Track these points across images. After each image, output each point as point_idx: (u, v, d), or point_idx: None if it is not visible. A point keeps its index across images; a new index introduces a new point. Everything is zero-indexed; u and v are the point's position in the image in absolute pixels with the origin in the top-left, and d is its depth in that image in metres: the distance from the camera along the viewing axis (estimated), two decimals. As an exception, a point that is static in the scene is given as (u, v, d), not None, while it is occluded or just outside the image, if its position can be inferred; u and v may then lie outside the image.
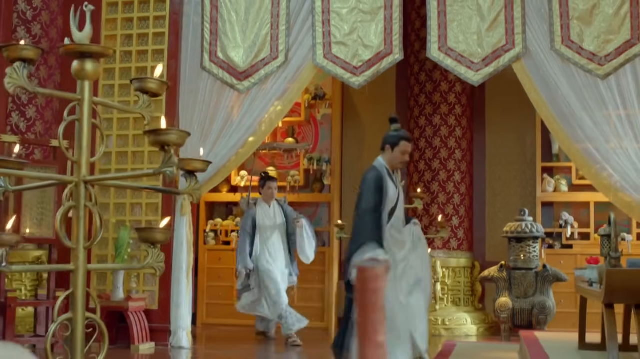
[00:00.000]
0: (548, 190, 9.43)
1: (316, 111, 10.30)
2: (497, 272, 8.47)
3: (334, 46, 7.95)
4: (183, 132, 2.76)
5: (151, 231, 3.26)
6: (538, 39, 7.62)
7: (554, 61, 7.57)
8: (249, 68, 8.05)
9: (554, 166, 9.60)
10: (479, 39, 7.73)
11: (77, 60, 3.05)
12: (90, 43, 3.12)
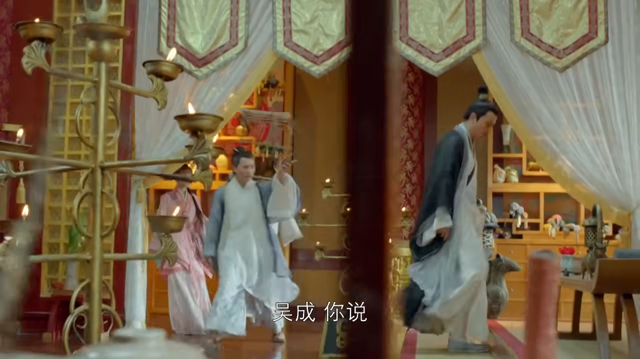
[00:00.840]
0: (499, 181, 9.56)
1: (268, 98, 10.22)
2: (451, 261, 8.52)
3: (295, 34, 7.88)
4: (216, 117, 2.68)
5: (164, 220, 3.18)
6: (498, 30, 7.69)
7: (513, 53, 7.65)
8: (207, 54, 7.92)
9: (505, 156, 9.73)
10: (440, 29, 7.76)
11: (93, 42, 2.93)
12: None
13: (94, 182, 2.89)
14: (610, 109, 7.45)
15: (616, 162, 7.42)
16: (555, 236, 9.20)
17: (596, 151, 7.45)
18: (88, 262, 2.90)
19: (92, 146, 2.90)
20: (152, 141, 7.82)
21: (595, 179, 7.45)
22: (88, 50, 2.95)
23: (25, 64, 2.76)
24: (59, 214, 7.94)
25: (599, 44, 7.54)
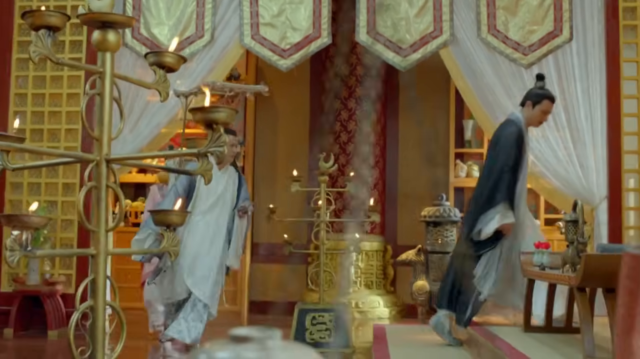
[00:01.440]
0: (460, 175, 9.63)
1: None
2: (415, 255, 8.57)
3: (262, 27, 7.84)
4: (232, 110, 2.64)
5: (166, 214, 3.13)
6: (465, 27, 7.75)
7: (480, 49, 7.71)
8: (173, 46, 7.81)
9: (466, 151, 9.81)
10: (407, 24, 7.79)
11: (99, 31, 2.87)
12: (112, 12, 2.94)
13: (99, 175, 2.82)
14: (575, 105, 7.57)
15: (580, 158, 7.55)
16: (516, 230, 9.29)
17: (560, 147, 7.56)
18: (92, 257, 2.83)
19: (97, 138, 2.83)
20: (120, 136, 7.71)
21: (559, 174, 7.56)
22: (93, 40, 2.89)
23: (33, 52, 2.68)
24: (21, 207, 7.78)
25: (564, 42, 7.64)
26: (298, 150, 10.15)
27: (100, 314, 2.87)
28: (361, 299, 9.13)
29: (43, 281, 7.44)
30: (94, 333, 2.87)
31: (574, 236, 4.64)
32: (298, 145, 10.18)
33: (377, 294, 9.32)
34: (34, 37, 2.72)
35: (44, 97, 7.87)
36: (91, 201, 7.82)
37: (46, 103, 7.87)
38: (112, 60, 2.92)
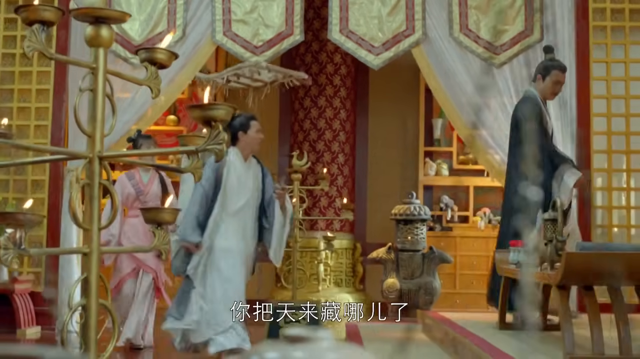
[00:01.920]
0: (430, 174, 9.68)
1: (199, 88, 10.07)
2: (385, 253, 8.60)
3: (234, 24, 7.79)
4: (230, 107, 2.62)
5: (158, 212, 3.10)
6: (437, 25, 7.77)
7: (452, 48, 7.75)
8: (144, 41, 7.75)
9: (435, 150, 9.86)
10: (380, 23, 7.80)
11: (92, 26, 2.83)
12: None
13: (92, 172, 2.78)
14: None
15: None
16: (484, 228, 9.38)
17: (531, 146, 7.61)
18: (85, 255, 2.80)
19: (90, 135, 2.80)
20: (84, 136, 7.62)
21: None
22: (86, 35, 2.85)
23: (27, 47, 2.64)
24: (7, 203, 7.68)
25: (535, 41, 7.71)
26: (267, 148, 10.11)
27: (93, 312, 2.84)
28: (330, 296, 9.13)
29: (11, 279, 7.33)
30: (87, 332, 2.83)
31: (553, 234, 4.68)
32: (267, 143, 10.12)
33: (347, 291, 9.33)
34: (29, 32, 2.67)
35: (12, 93, 7.75)
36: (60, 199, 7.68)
37: (15, 99, 7.75)
38: (105, 56, 2.88)
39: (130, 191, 6.85)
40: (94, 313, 2.84)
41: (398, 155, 10.19)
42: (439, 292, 8.50)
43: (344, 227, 9.55)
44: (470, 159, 9.62)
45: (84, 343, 2.83)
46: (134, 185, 6.84)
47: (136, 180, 6.85)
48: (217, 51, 9.19)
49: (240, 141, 5.90)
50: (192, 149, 2.72)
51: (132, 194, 6.84)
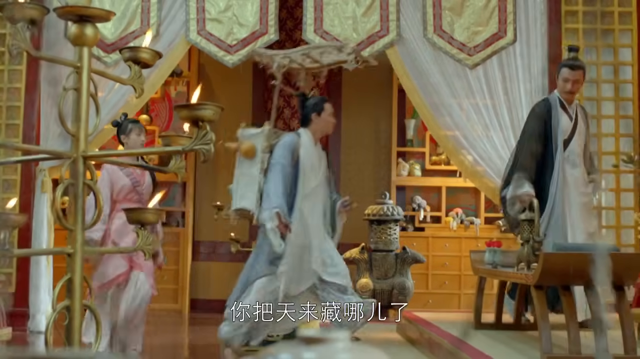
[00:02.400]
0: (402, 174, 9.70)
1: (172, 88, 10.04)
2: (359, 254, 8.61)
3: (208, 23, 7.77)
4: (217, 107, 2.60)
5: (142, 212, 3.08)
6: (411, 26, 7.80)
7: (425, 49, 7.78)
8: (117, 40, 7.71)
9: (408, 150, 9.88)
10: (354, 23, 7.81)
11: (76, 25, 2.81)
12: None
13: (76, 172, 2.76)
14: (518, 106, 7.69)
15: (522, 158, 7.66)
16: (456, 229, 9.43)
17: (504, 147, 7.66)
18: (69, 256, 2.77)
19: (74, 134, 2.77)
20: (56, 132, 7.56)
21: (502, 174, 7.65)
22: (69, 34, 2.82)
23: (12, 46, 2.61)
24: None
25: (508, 43, 7.76)
26: (240, 147, 10.09)
27: (77, 313, 2.81)
28: (303, 297, 9.13)
29: (-19, 280, 7.26)
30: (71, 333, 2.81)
31: (530, 235, 4.71)
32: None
33: (319, 292, 9.33)
34: (14, 30, 2.64)
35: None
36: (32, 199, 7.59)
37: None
38: (89, 55, 2.86)
39: (125, 182, 5.92)
40: (78, 314, 2.81)
41: (371, 155, 10.20)
42: (412, 292, 8.53)
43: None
44: (442, 159, 9.66)
45: (68, 344, 2.81)
46: (127, 175, 5.96)
47: (129, 170, 6.00)
48: (190, 50, 9.15)
49: (312, 122, 5.77)
50: (178, 149, 2.71)
51: (127, 185, 5.91)
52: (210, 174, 10.03)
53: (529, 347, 4.78)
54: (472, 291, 6.90)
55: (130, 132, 5.90)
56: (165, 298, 9.38)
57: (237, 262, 9.65)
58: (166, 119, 10.04)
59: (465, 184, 9.13)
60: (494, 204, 9.13)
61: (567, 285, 4.42)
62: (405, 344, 6.18)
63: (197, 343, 7.56)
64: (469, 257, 6.24)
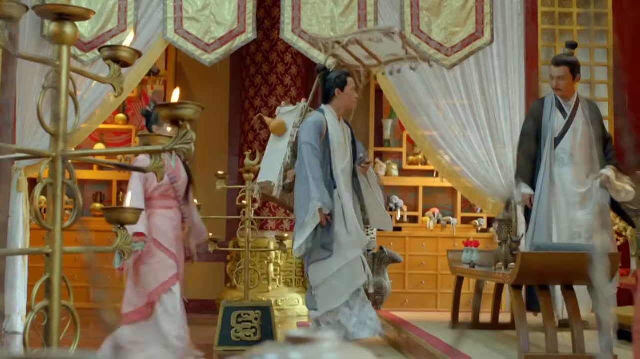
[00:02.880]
0: (380, 174, 9.71)
1: (149, 87, 9.99)
2: (336, 253, 8.59)
3: (186, 21, 7.73)
4: (198, 107, 2.59)
5: (121, 212, 3.06)
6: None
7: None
8: (94, 39, 7.65)
9: (385, 150, 9.90)
10: (332, 23, 7.80)
11: (55, 23, 2.79)
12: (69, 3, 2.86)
13: (55, 172, 2.73)
14: (495, 106, 7.72)
15: (499, 158, 7.70)
16: (433, 228, 9.45)
17: (481, 147, 7.70)
18: (48, 256, 2.75)
19: (53, 134, 2.75)
20: (32, 131, 7.50)
21: (479, 174, 7.70)
22: (49, 32, 2.80)
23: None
24: None
25: (485, 44, 7.80)
26: (217, 147, 10.08)
27: (55, 315, 2.79)
28: (280, 296, 9.12)
29: (-44, 280, 7.19)
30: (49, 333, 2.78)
31: (507, 235, 4.73)
32: (217, 142, 10.11)
33: (297, 292, 9.33)
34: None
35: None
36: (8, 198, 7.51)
37: None
38: (68, 53, 2.83)
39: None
40: (57, 315, 2.79)
41: (348, 155, 10.19)
42: (389, 291, 8.53)
43: (294, 227, 9.51)
44: (419, 159, 9.69)
45: (47, 345, 2.79)
46: None
47: (164, 163, 5.51)
48: (168, 50, 9.11)
49: (335, 98, 5.65)
50: (159, 148, 2.70)
51: (163, 181, 5.24)
52: (188, 173, 9.98)
53: (507, 346, 4.80)
54: (449, 291, 6.93)
55: (164, 122, 5.25)
56: (142, 298, 9.34)
57: (215, 262, 9.65)
58: (143, 118, 9.97)
59: (442, 184, 9.16)
60: (470, 204, 9.19)
61: (545, 285, 4.44)
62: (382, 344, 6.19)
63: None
64: (445, 257, 6.27)
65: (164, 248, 5.12)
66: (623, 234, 6.79)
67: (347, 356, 1.10)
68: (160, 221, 5.21)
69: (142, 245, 4.96)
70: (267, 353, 1.10)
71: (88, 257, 5.43)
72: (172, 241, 5.19)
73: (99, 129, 9.69)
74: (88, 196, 9.77)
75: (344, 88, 5.67)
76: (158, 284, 5.06)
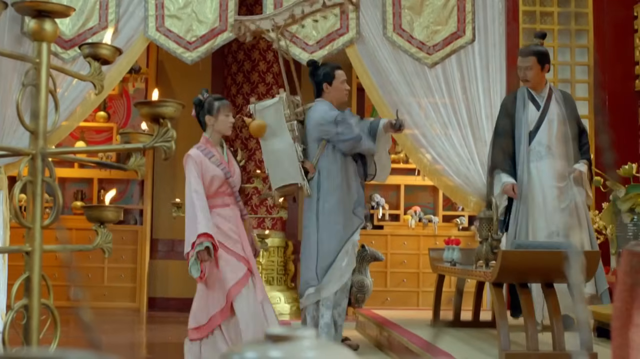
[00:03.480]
0: (361, 172, 9.72)
1: (130, 84, 9.95)
2: (317, 252, 8.59)
3: (167, 19, 7.71)
4: (178, 104, 2.59)
5: (101, 210, 3.05)
6: (371, 25, 7.82)
7: (385, 48, 7.80)
8: (75, 37, 7.62)
9: (367, 149, 9.89)
10: (314, 21, 7.79)
11: (35, 20, 2.78)
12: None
13: (35, 169, 2.72)
14: (476, 105, 7.74)
15: (480, 156, 7.70)
16: (415, 226, 9.47)
17: (462, 145, 7.71)
18: (27, 254, 2.73)
19: (33, 131, 2.74)
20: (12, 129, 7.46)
21: (461, 172, 7.71)
22: (29, 29, 2.79)
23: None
24: None
25: (467, 42, 7.81)
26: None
27: (35, 313, 2.78)
28: (262, 295, 9.11)
29: None
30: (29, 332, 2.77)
31: (488, 233, 4.75)
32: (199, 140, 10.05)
33: (278, 290, 9.32)
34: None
35: None
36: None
37: None
38: (48, 50, 2.82)
39: (216, 173, 5.03)
40: (37, 313, 2.78)
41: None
42: (371, 290, 8.53)
43: (276, 225, 9.54)
44: (401, 157, 9.70)
45: (26, 343, 2.78)
46: (217, 164, 5.07)
47: (217, 157, 5.12)
48: (149, 47, 9.08)
49: (325, 93, 5.74)
50: (139, 146, 2.69)
51: (218, 176, 5.04)
52: (169, 171, 9.97)
53: (488, 344, 4.82)
54: (431, 289, 6.96)
55: (219, 112, 5.17)
56: (123, 297, 9.32)
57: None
58: (124, 116, 9.96)
59: (423, 182, 9.19)
60: (452, 202, 9.22)
61: (525, 283, 4.46)
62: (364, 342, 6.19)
63: (155, 341, 7.51)
64: (427, 255, 6.29)
65: (229, 250, 4.93)
66: (603, 233, 6.84)
67: (326, 354, 1.10)
68: (219, 222, 4.97)
69: (208, 244, 4.71)
70: (247, 351, 1.09)
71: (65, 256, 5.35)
72: (235, 241, 4.99)
73: (79, 126, 9.62)
74: (69, 194, 9.73)
75: (332, 82, 5.72)
76: (231, 285, 4.86)
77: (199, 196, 4.87)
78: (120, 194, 9.73)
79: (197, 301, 4.98)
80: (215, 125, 5.17)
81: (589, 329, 4.37)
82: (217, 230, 4.89)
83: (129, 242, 9.27)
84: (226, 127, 5.17)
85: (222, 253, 4.89)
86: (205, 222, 4.75)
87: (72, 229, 9.04)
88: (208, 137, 5.23)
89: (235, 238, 4.98)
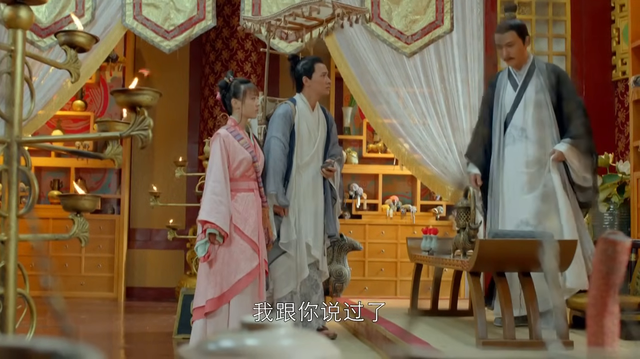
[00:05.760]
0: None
1: (107, 73, 9.89)
2: (296, 241, 8.60)
3: (145, 7, 7.67)
4: (155, 92, 2.57)
5: (77, 199, 3.04)
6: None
7: (363, 37, 7.80)
8: (51, 24, 7.56)
9: (346, 138, 9.91)
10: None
11: (10, 7, 2.76)
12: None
13: (10, 158, 2.70)
14: (454, 94, 7.76)
15: (458, 146, 7.73)
16: (393, 216, 9.49)
17: (440, 135, 7.73)
18: (3, 243, 2.72)
19: (7, 119, 2.72)
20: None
21: (439, 161, 7.73)
22: (3, 16, 2.77)
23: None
24: None
25: (445, 32, 7.83)
26: (176, 135, 10.02)
27: (11, 303, 2.76)
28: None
29: None
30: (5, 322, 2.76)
31: (466, 222, 4.77)
32: (177, 130, 10.04)
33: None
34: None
35: None
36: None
37: None
38: (24, 38, 2.80)
39: (245, 156, 5.02)
40: (13, 303, 2.77)
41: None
42: (349, 279, 8.56)
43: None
44: (379, 147, 9.71)
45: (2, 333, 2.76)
46: (246, 147, 5.05)
47: (245, 140, 5.09)
48: (126, 36, 9.02)
49: (305, 87, 5.67)
50: (116, 134, 2.68)
51: (247, 159, 5.04)
52: (146, 160, 9.93)
53: (465, 333, 4.84)
54: (409, 278, 6.99)
55: (245, 96, 5.18)
56: (101, 286, 9.28)
57: (174, 249, 9.62)
58: (101, 104, 9.90)
59: (401, 171, 9.20)
60: (430, 191, 9.25)
61: (502, 272, 4.48)
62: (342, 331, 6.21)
63: (133, 331, 7.48)
64: (405, 245, 6.31)
65: (244, 236, 4.92)
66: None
67: (302, 341, 1.10)
68: (241, 206, 4.94)
69: (213, 231, 4.77)
70: (222, 339, 1.10)
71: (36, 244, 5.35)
72: (253, 228, 4.96)
73: (56, 115, 9.55)
74: (46, 183, 9.67)
75: (312, 75, 5.66)
76: (241, 275, 4.87)
77: (218, 178, 4.86)
78: (98, 182, 9.69)
79: (198, 282, 5.00)
80: (242, 108, 5.12)
81: (564, 317, 4.40)
82: (239, 215, 4.88)
83: (106, 232, 9.23)
84: (252, 111, 5.18)
85: (238, 239, 4.89)
86: (217, 208, 4.76)
87: (49, 218, 8.98)
88: (237, 121, 5.18)
89: (253, 225, 4.95)
